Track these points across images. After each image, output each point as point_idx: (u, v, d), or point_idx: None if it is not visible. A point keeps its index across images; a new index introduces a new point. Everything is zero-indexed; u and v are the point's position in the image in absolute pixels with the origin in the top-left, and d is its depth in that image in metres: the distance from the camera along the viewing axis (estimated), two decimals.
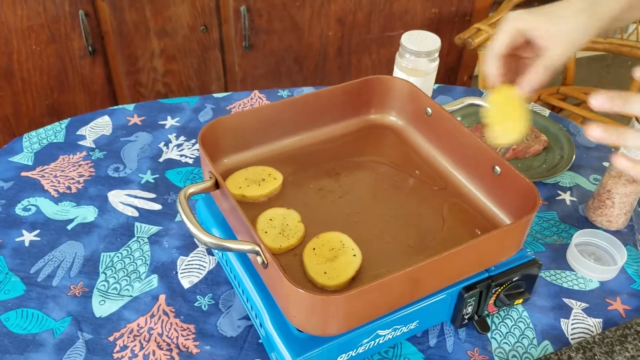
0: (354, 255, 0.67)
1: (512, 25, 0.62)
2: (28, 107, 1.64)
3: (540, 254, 0.87)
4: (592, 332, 0.77)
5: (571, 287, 0.82)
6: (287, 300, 0.59)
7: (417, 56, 1.01)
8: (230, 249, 0.59)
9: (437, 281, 0.63)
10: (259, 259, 0.60)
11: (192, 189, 0.64)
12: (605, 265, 0.85)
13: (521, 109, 0.65)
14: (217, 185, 0.68)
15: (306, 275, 0.66)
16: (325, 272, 0.65)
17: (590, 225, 0.92)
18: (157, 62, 1.68)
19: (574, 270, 0.85)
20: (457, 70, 2.03)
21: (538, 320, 0.78)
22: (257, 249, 0.59)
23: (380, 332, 0.68)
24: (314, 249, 0.68)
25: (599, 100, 0.54)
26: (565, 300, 0.81)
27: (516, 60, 0.68)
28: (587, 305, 0.80)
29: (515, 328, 0.77)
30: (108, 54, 1.62)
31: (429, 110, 0.81)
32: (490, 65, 0.64)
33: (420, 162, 0.82)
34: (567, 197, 0.96)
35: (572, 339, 0.76)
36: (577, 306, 0.80)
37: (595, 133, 0.55)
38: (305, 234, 0.70)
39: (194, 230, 0.59)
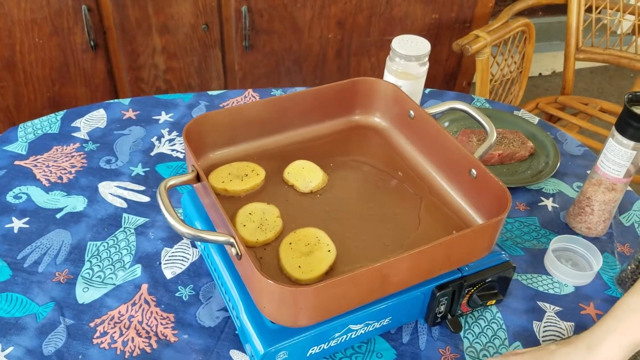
0: (329, 250, 0.69)
1: None
2: (29, 99, 1.67)
3: (518, 257, 0.88)
4: (563, 335, 0.78)
5: (546, 291, 0.84)
6: (258, 291, 0.61)
7: (408, 60, 1.03)
8: (206, 240, 0.61)
9: (407, 278, 0.65)
10: (233, 250, 0.61)
11: (172, 181, 0.66)
12: (582, 270, 0.86)
13: None
14: (198, 179, 0.70)
15: (281, 268, 0.68)
16: (299, 266, 0.67)
17: (570, 231, 0.93)
18: (159, 58, 1.70)
19: (550, 275, 0.86)
20: (456, 75, 2.04)
21: (511, 321, 0.79)
22: (232, 240, 0.61)
23: (353, 327, 0.69)
24: (290, 243, 0.69)
25: None
26: (540, 303, 0.82)
27: None
28: (561, 309, 0.81)
29: (488, 328, 0.78)
30: (110, 49, 1.65)
31: (412, 112, 0.83)
32: None
33: (402, 163, 0.84)
34: (549, 203, 0.98)
35: (542, 341, 0.77)
36: (550, 309, 0.81)
37: None
38: (283, 228, 0.72)
39: (171, 220, 0.61)
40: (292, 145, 0.85)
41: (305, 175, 0.79)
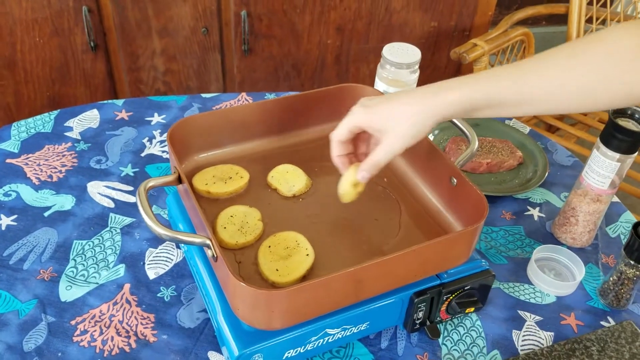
0: (307, 255, 0.69)
1: (353, 120, 0.69)
2: (29, 98, 1.69)
3: (501, 266, 0.88)
4: (542, 344, 0.78)
5: (527, 300, 0.84)
6: (232, 293, 0.62)
7: (398, 67, 1.04)
8: (182, 241, 0.62)
9: (381, 284, 0.66)
10: (209, 252, 0.62)
11: (152, 182, 0.67)
12: (565, 281, 0.87)
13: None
14: (180, 181, 0.70)
15: (259, 271, 0.69)
16: (277, 270, 0.68)
17: (555, 241, 0.93)
18: (158, 60, 1.72)
19: (533, 284, 0.86)
20: None
21: (490, 329, 0.80)
22: (208, 242, 0.61)
23: (330, 331, 0.70)
24: (269, 246, 0.70)
25: None
26: (520, 312, 0.82)
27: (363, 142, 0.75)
28: (541, 318, 0.82)
29: (466, 336, 0.79)
30: (110, 50, 1.66)
31: None
32: (332, 149, 0.72)
33: (386, 169, 0.84)
34: (535, 212, 0.98)
35: (521, 350, 0.78)
36: (531, 319, 0.81)
37: None
38: (263, 231, 0.73)
39: (148, 221, 0.62)
40: (279, 150, 0.86)
41: (288, 179, 0.80)
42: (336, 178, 0.83)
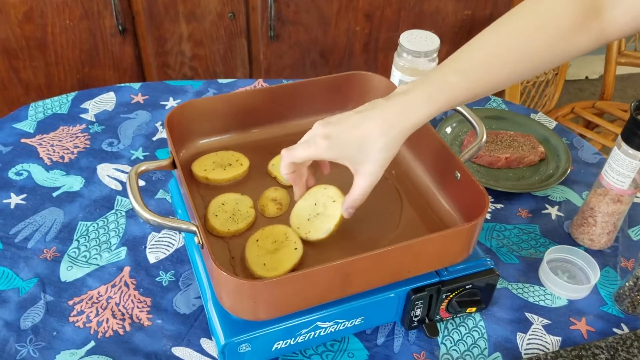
0: (295, 248, 0.67)
1: (314, 153, 0.64)
2: (60, 79, 1.71)
3: (512, 265, 0.85)
4: (547, 349, 0.75)
5: (536, 302, 0.80)
6: (216, 282, 0.61)
7: (416, 56, 1.01)
8: (168, 227, 0.61)
9: (372, 278, 0.63)
10: (196, 239, 0.61)
11: (144, 167, 0.66)
12: (579, 284, 0.82)
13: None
14: (174, 165, 0.70)
15: (246, 266, 0.67)
16: (264, 264, 0.66)
17: (573, 242, 0.89)
18: (185, 45, 1.72)
19: (544, 286, 0.83)
20: None
21: (494, 331, 0.76)
22: (194, 229, 0.60)
23: (321, 324, 0.68)
24: (257, 240, 0.68)
25: None
26: (528, 314, 0.79)
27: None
28: (549, 322, 0.78)
29: (468, 336, 0.76)
30: (138, 34, 1.67)
31: None
32: (283, 167, 0.67)
33: (392, 161, 0.81)
34: (554, 211, 0.94)
35: (525, 354, 0.74)
36: (538, 322, 0.78)
37: None
38: (255, 219, 0.72)
39: (135, 205, 0.61)
40: (283, 137, 0.84)
41: None
42: (339, 169, 0.81)
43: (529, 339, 0.76)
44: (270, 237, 0.68)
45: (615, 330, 0.77)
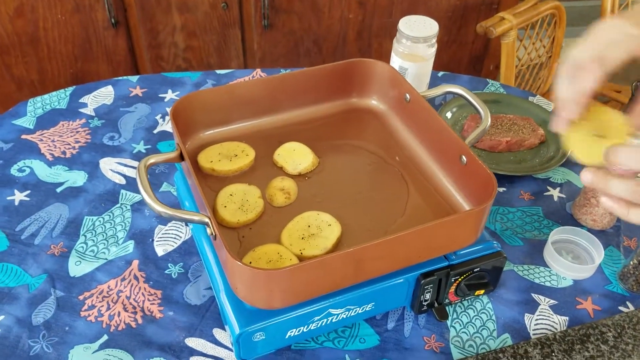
0: (290, 259, 0.66)
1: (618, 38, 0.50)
2: (53, 74, 1.70)
3: (517, 248, 0.86)
4: (555, 329, 0.76)
5: (542, 283, 0.81)
6: (230, 273, 0.61)
7: (415, 42, 1.01)
8: (180, 219, 0.61)
9: (384, 264, 0.64)
10: (208, 230, 0.61)
11: (152, 159, 0.66)
12: (583, 264, 0.84)
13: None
14: (182, 158, 0.70)
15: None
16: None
17: (575, 223, 0.90)
18: (178, 37, 1.71)
19: (549, 267, 0.84)
20: (483, 59, 1.99)
21: (502, 312, 0.77)
22: (206, 220, 0.61)
23: (333, 311, 0.69)
24: (250, 262, 0.65)
25: (587, 177, 0.54)
26: (534, 295, 0.80)
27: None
28: (556, 302, 0.79)
29: (476, 319, 0.77)
30: (130, 26, 1.66)
31: (408, 96, 0.80)
32: (560, 82, 0.52)
33: (396, 147, 0.82)
34: (555, 193, 0.95)
35: (533, 334, 0.75)
36: (544, 302, 0.79)
37: (586, 177, 0.54)
38: (264, 209, 0.72)
39: (147, 198, 0.61)
40: (287, 127, 0.85)
41: (295, 157, 0.78)
42: (344, 157, 0.82)
43: (536, 320, 0.77)
44: (264, 257, 0.66)
45: (620, 308, 0.78)
